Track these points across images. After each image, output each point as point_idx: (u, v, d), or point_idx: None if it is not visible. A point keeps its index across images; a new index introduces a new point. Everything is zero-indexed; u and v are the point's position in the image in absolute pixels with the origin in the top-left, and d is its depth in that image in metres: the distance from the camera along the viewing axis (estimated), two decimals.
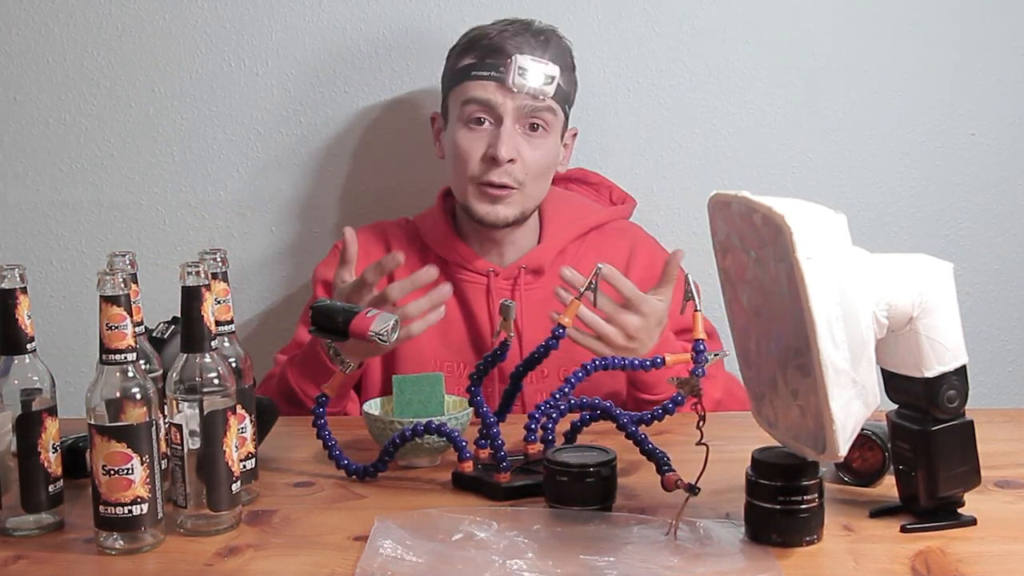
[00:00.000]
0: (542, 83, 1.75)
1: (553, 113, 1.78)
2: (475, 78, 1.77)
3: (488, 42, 1.78)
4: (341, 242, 1.69)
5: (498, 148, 1.74)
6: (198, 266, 1.21)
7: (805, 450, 1.16)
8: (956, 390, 1.20)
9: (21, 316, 1.23)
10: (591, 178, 2.01)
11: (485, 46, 1.78)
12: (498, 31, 1.80)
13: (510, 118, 1.75)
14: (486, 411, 1.40)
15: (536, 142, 1.78)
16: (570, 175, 2.00)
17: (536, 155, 1.77)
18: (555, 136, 1.81)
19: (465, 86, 1.78)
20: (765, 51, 2.09)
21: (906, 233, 2.13)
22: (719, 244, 1.26)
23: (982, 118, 2.11)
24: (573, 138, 1.91)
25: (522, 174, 1.77)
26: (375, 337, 1.37)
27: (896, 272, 1.17)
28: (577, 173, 2.01)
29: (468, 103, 1.77)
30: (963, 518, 1.23)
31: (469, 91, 1.77)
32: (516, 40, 1.77)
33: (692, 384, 1.22)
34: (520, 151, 1.76)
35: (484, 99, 1.76)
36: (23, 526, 1.25)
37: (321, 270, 1.88)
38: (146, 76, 2.11)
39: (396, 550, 1.16)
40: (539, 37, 1.79)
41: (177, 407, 1.21)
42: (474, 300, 1.82)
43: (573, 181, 2.01)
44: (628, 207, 1.98)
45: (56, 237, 2.15)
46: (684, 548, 1.17)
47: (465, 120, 1.78)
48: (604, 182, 2.01)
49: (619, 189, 2.00)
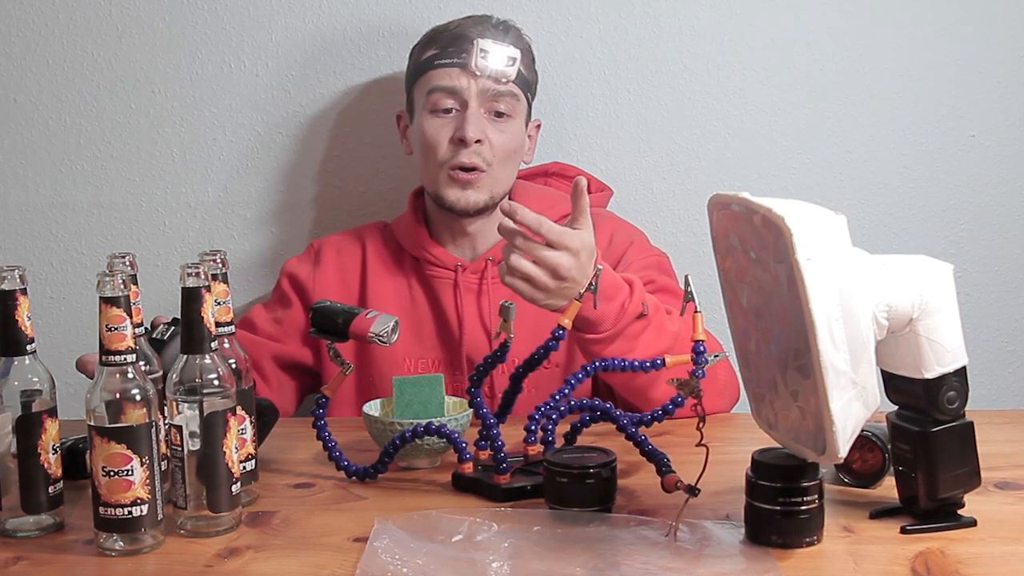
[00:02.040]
0: (504, 64, 1.78)
1: (516, 98, 1.81)
2: (438, 67, 1.80)
3: (449, 33, 1.83)
4: (316, 242, 1.85)
5: (465, 129, 1.76)
6: (198, 267, 1.22)
7: (805, 451, 1.16)
8: (956, 391, 1.20)
9: (21, 317, 1.23)
10: (569, 171, 2.02)
11: (446, 37, 1.82)
12: (458, 23, 1.84)
13: (475, 101, 1.78)
14: (486, 412, 1.40)
15: (501, 126, 1.80)
16: (547, 169, 2.01)
17: (503, 138, 1.80)
18: (519, 122, 1.83)
19: (428, 76, 1.81)
20: (765, 52, 2.09)
21: (906, 234, 2.13)
22: (719, 245, 1.26)
23: (982, 119, 2.11)
24: (537, 129, 1.94)
25: (490, 155, 1.79)
26: (375, 338, 1.37)
27: (896, 273, 1.17)
28: (554, 167, 2.02)
29: (432, 92, 1.80)
30: (963, 519, 1.23)
31: (433, 80, 1.80)
32: (477, 28, 1.81)
33: (692, 385, 1.21)
34: (487, 133, 1.78)
35: (448, 86, 1.79)
36: (23, 527, 1.25)
37: (292, 263, 1.92)
38: (146, 77, 2.11)
39: (396, 551, 1.16)
40: (499, 26, 1.84)
41: (177, 408, 1.21)
42: (442, 294, 1.84)
43: (551, 175, 2.01)
44: (603, 196, 1.99)
45: (56, 238, 2.15)
46: (684, 549, 1.17)
47: (431, 109, 1.81)
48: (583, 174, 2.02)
49: (597, 180, 2.01)
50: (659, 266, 1.85)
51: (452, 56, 1.79)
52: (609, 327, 1.56)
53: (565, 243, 1.50)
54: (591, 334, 1.57)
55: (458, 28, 1.82)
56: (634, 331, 1.56)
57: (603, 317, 1.55)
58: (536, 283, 1.50)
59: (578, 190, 1.52)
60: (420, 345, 1.83)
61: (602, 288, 1.51)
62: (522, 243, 1.50)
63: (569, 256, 1.50)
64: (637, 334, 1.56)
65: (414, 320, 1.83)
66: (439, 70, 1.80)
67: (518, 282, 1.51)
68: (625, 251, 1.83)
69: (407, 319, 1.82)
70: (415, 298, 1.85)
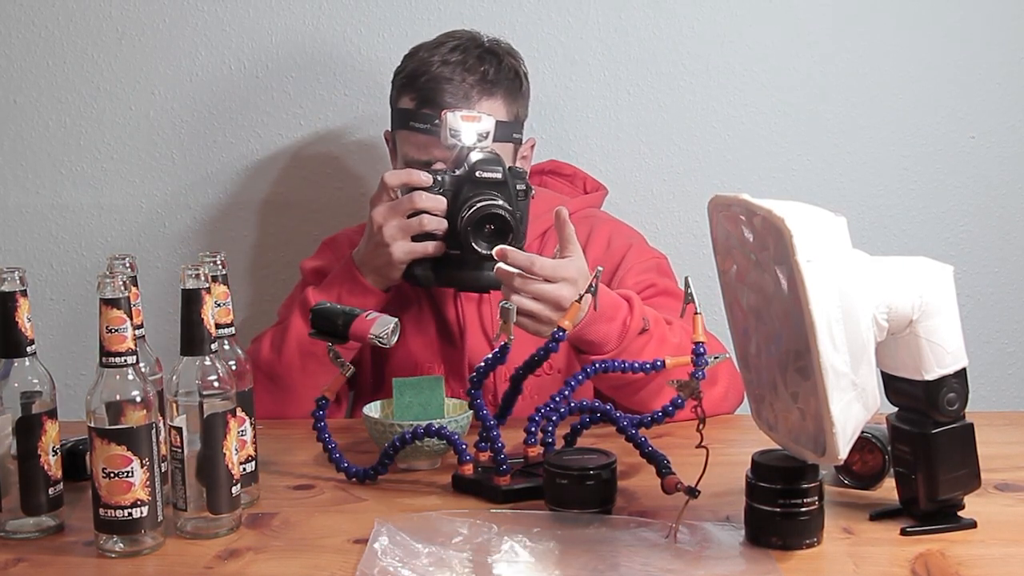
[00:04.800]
0: (475, 140, 1.71)
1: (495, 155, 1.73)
2: (413, 129, 1.76)
3: (425, 81, 1.76)
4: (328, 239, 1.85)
5: None
6: (198, 269, 1.21)
7: (805, 453, 1.16)
8: (956, 393, 1.20)
9: (21, 319, 1.23)
10: (565, 170, 2.01)
11: (422, 88, 1.76)
12: (438, 63, 1.77)
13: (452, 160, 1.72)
14: (486, 414, 1.40)
15: None
16: (543, 168, 2.01)
17: None
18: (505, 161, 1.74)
19: (405, 136, 1.78)
20: (765, 54, 2.09)
21: (906, 236, 2.13)
22: (719, 247, 1.26)
23: (982, 121, 2.11)
24: (531, 149, 1.90)
25: None
26: (375, 340, 1.37)
27: (896, 275, 1.17)
28: (550, 165, 2.02)
29: (408, 157, 1.77)
30: (963, 521, 1.23)
31: (409, 144, 1.77)
32: (452, 85, 1.75)
33: (692, 387, 1.21)
34: None
35: (424, 159, 1.75)
36: (23, 529, 1.25)
37: (311, 260, 1.89)
38: (146, 79, 2.12)
39: (396, 553, 1.16)
40: (477, 71, 1.77)
41: (177, 410, 1.21)
42: (443, 301, 1.83)
43: (547, 174, 2.01)
44: (598, 195, 1.98)
45: (56, 240, 2.16)
46: (684, 551, 1.17)
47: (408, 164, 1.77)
48: (578, 173, 2.01)
49: (592, 179, 2.00)
50: (658, 268, 1.84)
51: (426, 121, 1.74)
52: (613, 347, 1.57)
53: (561, 275, 1.51)
54: (595, 355, 1.58)
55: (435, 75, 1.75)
56: (636, 347, 1.57)
57: (606, 338, 1.57)
58: (540, 318, 1.52)
59: (560, 221, 1.55)
60: (425, 349, 1.83)
61: (601, 309, 1.53)
62: (520, 283, 1.51)
63: (568, 286, 1.52)
64: (640, 350, 1.57)
65: (416, 322, 1.82)
66: (414, 134, 1.76)
67: (523, 319, 1.52)
68: (624, 254, 1.83)
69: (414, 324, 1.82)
70: (420, 303, 1.84)
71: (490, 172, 1.66)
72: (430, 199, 1.65)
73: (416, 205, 1.65)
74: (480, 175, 1.66)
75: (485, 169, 1.66)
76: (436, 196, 1.65)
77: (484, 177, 1.66)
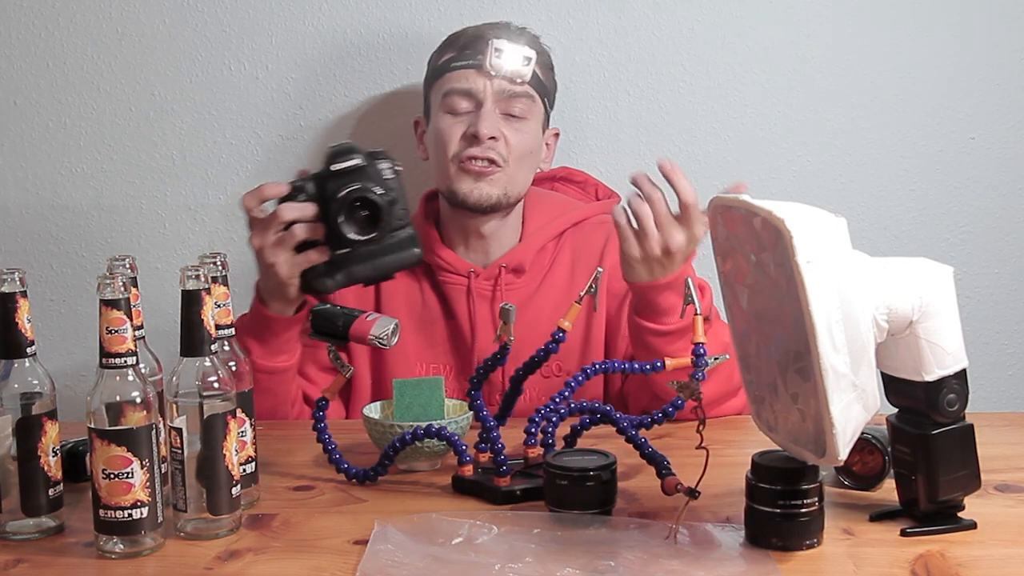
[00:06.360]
0: (519, 64, 1.78)
1: (531, 99, 1.80)
2: (454, 69, 1.80)
3: (465, 37, 1.83)
4: None
5: (479, 126, 1.75)
6: (198, 270, 1.22)
7: (805, 454, 1.16)
8: (956, 394, 1.20)
9: (21, 320, 1.23)
10: (576, 176, 2.02)
11: (462, 40, 1.83)
12: (475, 28, 1.84)
13: (490, 101, 1.78)
14: (486, 415, 1.40)
15: (516, 126, 1.79)
16: (555, 174, 2.01)
17: (518, 137, 1.79)
18: (535, 124, 1.82)
19: (445, 79, 1.82)
20: (765, 55, 2.09)
21: (906, 237, 2.13)
22: (719, 248, 1.26)
23: (982, 121, 2.11)
24: (555, 138, 1.93)
25: (506, 152, 1.77)
26: (375, 340, 1.37)
27: (896, 276, 1.17)
28: (562, 172, 2.02)
29: (448, 94, 1.80)
30: (963, 522, 1.23)
31: (449, 82, 1.80)
32: (494, 31, 1.82)
33: (692, 388, 1.22)
34: (503, 131, 1.78)
35: (464, 88, 1.78)
36: (23, 530, 1.25)
37: None
38: (146, 80, 2.11)
39: (396, 554, 1.16)
40: (516, 30, 1.84)
41: (177, 411, 1.21)
42: (455, 301, 1.83)
43: (559, 180, 2.01)
44: (612, 203, 1.98)
45: (56, 241, 2.15)
46: (684, 552, 1.17)
47: (446, 110, 1.80)
48: (589, 180, 2.02)
49: (604, 186, 2.00)
50: None
51: (468, 58, 1.80)
52: (676, 321, 1.58)
53: (692, 227, 1.54)
54: (654, 323, 1.59)
55: (475, 31, 1.83)
56: None
57: (673, 308, 1.57)
58: (646, 244, 1.53)
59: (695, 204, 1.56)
60: (432, 350, 1.82)
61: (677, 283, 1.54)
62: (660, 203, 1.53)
63: (684, 238, 1.54)
64: None
65: (425, 324, 1.81)
66: (455, 72, 1.80)
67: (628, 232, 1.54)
68: None
69: (418, 323, 1.82)
70: (427, 302, 1.84)
71: (345, 162, 1.60)
72: (296, 207, 1.60)
73: (284, 217, 1.59)
74: (336, 167, 1.59)
75: (340, 160, 1.60)
76: (302, 204, 1.60)
77: (341, 168, 1.59)
